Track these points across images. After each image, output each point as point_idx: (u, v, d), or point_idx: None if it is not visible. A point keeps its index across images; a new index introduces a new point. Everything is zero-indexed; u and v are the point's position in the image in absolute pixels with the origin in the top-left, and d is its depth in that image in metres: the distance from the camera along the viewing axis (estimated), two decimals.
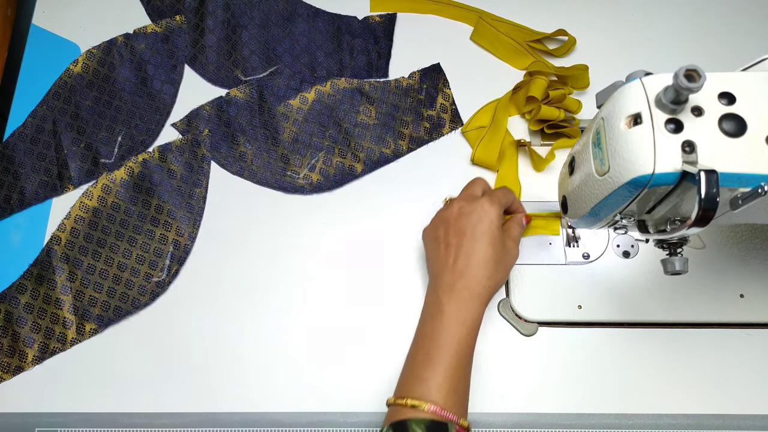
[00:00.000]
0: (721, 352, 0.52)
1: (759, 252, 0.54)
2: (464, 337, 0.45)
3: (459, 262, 0.47)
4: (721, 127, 0.34)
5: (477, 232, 0.47)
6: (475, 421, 0.50)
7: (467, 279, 0.46)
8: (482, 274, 0.46)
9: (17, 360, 0.52)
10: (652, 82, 0.35)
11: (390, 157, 0.60)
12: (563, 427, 0.50)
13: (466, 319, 0.45)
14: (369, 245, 0.56)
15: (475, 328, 0.46)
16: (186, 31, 0.65)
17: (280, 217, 0.58)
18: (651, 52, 0.64)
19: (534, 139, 0.60)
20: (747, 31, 0.65)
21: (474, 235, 0.47)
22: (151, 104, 0.62)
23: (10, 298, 0.54)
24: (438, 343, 0.45)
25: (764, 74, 0.36)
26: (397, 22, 0.66)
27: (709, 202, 0.32)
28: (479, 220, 0.47)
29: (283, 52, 0.64)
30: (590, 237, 0.55)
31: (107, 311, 0.54)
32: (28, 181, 0.58)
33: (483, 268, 0.46)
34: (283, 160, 0.60)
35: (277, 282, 0.55)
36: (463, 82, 0.63)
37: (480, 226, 0.47)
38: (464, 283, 0.46)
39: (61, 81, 0.62)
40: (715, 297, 0.53)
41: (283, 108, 0.61)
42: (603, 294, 0.53)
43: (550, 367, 0.52)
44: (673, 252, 0.42)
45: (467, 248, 0.47)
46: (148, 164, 0.59)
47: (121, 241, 0.56)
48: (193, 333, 0.53)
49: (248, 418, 0.50)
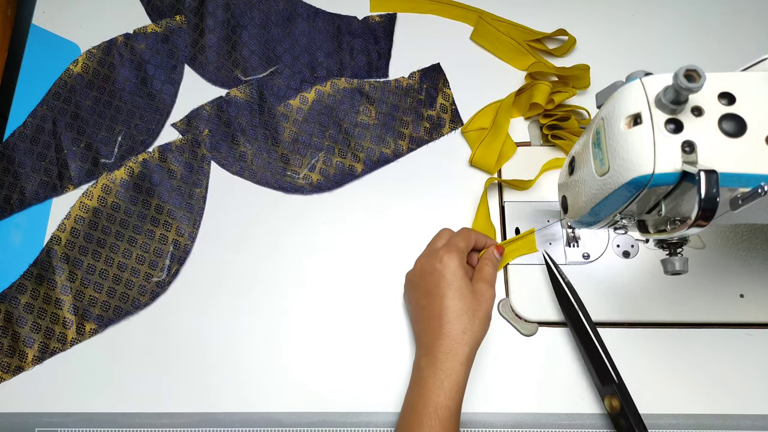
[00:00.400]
0: (721, 352, 0.52)
1: (759, 252, 0.54)
2: (444, 403, 0.43)
3: (433, 323, 0.46)
4: (721, 127, 0.34)
5: (441, 288, 0.46)
6: (475, 421, 0.50)
7: (443, 339, 0.45)
8: (455, 330, 0.45)
9: (17, 360, 0.52)
10: (652, 82, 0.35)
11: (390, 157, 0.60)
12: (563, 427, 0.50)
13: (443, 384, 0.44)
14: (369, 245, 0.56)
15: (457, 391, 0.44)
16: (186, 31, 0.65)
17: (280, 217, 0.58)
18: (651, 52, 0.64)
19: (534, 139, 0.60)
20: (747, 31, 0.65)
21: (439, 293, 0.46)
22: (151, 104, 0.62)
23: (10, 298, 0.54)
24: (419, 413, 0.44)
25: (764, 74, 0.36)
26: (397, 22, 0.66)
27: (709, 202, 0.32)
28: (440, 275, 0.47)
29: (283, 52, 0.64)
30: (590, 237, 0.55)
31: (107, 311, 0.54)
32: (28, 181, 0.58)
33: (455, 324, 0.45)
34: (283, 160, 0.60)
35: (277, 282, 0.55)
36: (463, 82, 0.63)
37: (442, 282, 0.46)
38: (440, 344, 0.45)
39: (61, 81, 0.62)
40: (715, 297, 0.52)
41: (283, 108, 0.61)
42: (603, 294, 0.53)
43: (550, 367, 0.52)
44: (673, 252, 0.42)
45: (437, 307, 0.46)
46: (148, 164, 0.59)
47: (121, 241, 0.56)
48: (193, 333, 0.53)
49: (248, 418, 0.50)
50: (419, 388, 0.45)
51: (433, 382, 0.44)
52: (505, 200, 0.57)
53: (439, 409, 0.43)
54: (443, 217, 0.57)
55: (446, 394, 0.44)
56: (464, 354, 0.45)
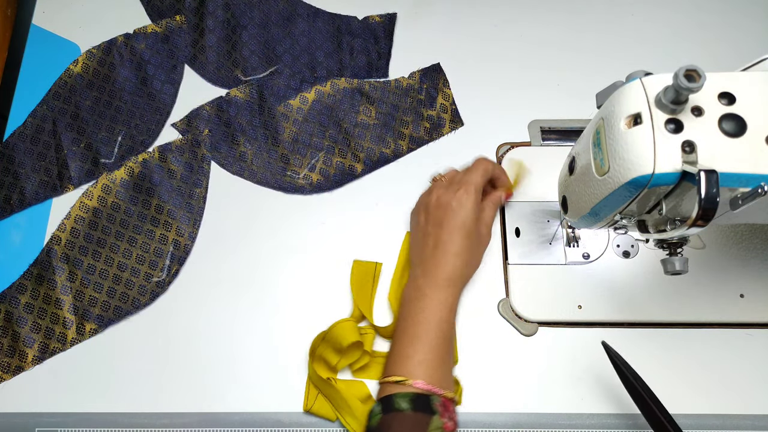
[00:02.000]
0: (721, 352, 0.52)
1: (759, 252, 0.54)
2: (444, 317, 0.47)
3: (437, 252, 0.49)
4: (721, 127, 0.34)
5: (452, 225, 0.49)
6: (475, 421, 0.50)
7: (444, 267, 0.49)
8: (458, 263, 0.49)
9: (17, 360, 0.52)
10: (652, 82, 0.35)
11: (390, 157, 0.60)
12: (563, 427, 0.50)
13: (446, 301, 0.48)
14: (369, 245, 0.56)
15: (454, 310, 0.49)
16: (186, 31, 0.65)
17: (280, 217, 0.58)
18: (651, 52, 0.64)
19: (534, 139, 0.60)
20: (747, 31, 0.65)
21: (449, 228, 0.49)
22: (151, 104, 0.62)
23: (10, 298, 0.54)
24: (420, 323, 0.47)
25: (764, 74, 0.36)
26: (397, 22, 0.66)
27: (709, 202, 0.32)
28: (454, 213, 0.49)
29: (283, 52, 0.64)
30: (590, 237, 0.55)
31: (107, 311, 0.54)
32: (28, 181, 0.58)
33: (459, 258, 0.49)
34: (283, 160, 0.60)
35: (277, 282, 0.55)
36: (463, 82, 0.63)
37: (455, 219, 0.49)
38: (441, 272, 0.48)
39: (61, 81, 0.62)
40: (715, 297, 0.53)
41: (283, 108, 0.61)
42: (603, 294, 0.53)
43: (550, 367, 0.52)
44: (673, 252, 0.42)
45: (444, 239, 0.49)
46: (148, 164, 0.59)
47: (121, 241, 0.56)
48: (193, 333, 0.53)
49: (248, 418, 0.50)
50: (422, 304, 0.48)
51: (437, 297, 0.48)
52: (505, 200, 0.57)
53: (443, 323, 0.47)
54: None
55: (447, 310, 0.47)
56: (462, 284, 0.50)
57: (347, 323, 0.50)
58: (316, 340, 0.51)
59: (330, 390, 0.49)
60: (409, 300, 0.49)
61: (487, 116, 0.61)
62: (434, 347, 0.46)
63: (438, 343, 0.46)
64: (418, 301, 0.48)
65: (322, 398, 0.50)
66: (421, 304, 0.48)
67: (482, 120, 0.61)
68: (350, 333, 0.49)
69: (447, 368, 0.47)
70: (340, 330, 0.49)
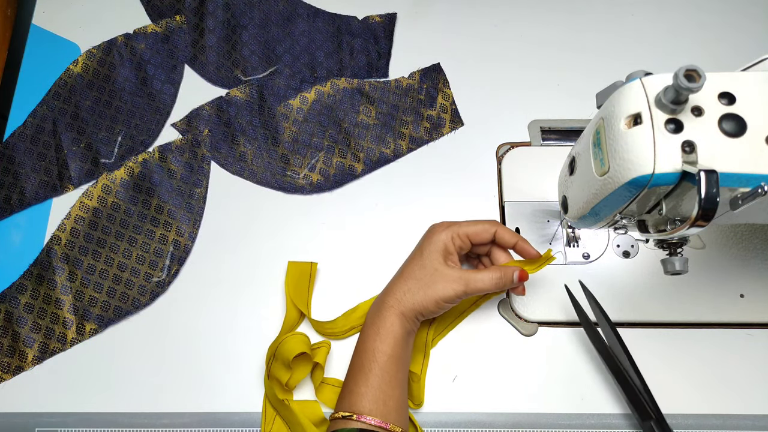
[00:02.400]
0: (721, 352, 0.52)
1: (759, 252, 0.54)
2: (380, 348, 0.45)
3: (392, 279, 0.50)
4: (721, 127, 0.34)
5: (415, 254, 0.49)
6: (475, 421, 0.50)
7: (386, 291, 0.49)
8: (398, 288, 0.48)
9: (17, 360, 0.52)
10: (652, 82, 0.35)
11: (390, 157, 0.60)
12: (563, 427, 0.50)
13: (379, 330, 0.46)
14: (369, 245, 0.56)
15: (393, 338, 0.46)
16: (186, 31, 0.65)
17: (279, 217, 0.58)
18: (651, 52, 0.64)
19: (534, 139, 0.60)
20: (747, 31, 0.65)
21: (411, 256, 0.50)
22: (151, 104, 0.62)
23: (10, 298, 0.54)
24: (360, 355, 0.46)
25: (764, 74, 0.36)
26: (397, 22, 0.66)
27: (709, 202, 0.32)
28: (421, 245, 0.49)
29: (283, 52, 0.64)
30: (590, 237, 0.55)
31: (107, 311, 0.54)
32: (28, 181, 0.58)
33: (403, 284, 0.48)
34: (283, 160, 0.60)
35: (277, 282, 0.55)
36: (463, 82, 0.63)
37: (419, 250, 0.49)
38: (386, 298, 0.48)
39: (61, 81, 0.62)
40: (715, 297, 0.53)
41: (283, 108, 0.61)
42: (603, 294, 0.53)
43: (550, 367, 0.52)
44: (673, 252, 0.42)
45: (402, 267, 0.50)
46: (148, 164, 0.59)
47: (121, 241, 0.56)
48: (193, 333, 0.53)
49: (248, 418, 0.50)
50: (362, 335, 0.48)
51: (373, 329, 0.47)
52: (505, 200, 0.57)
53: (377, 353, 0.45)
54: (443, 217, 0.56)
55: (381, 340, 0.46)
56: (400, 310, 0.47)
57: (293, 338, 0.49)
58: (269, 354, 0.50)
59: (286, 412, 0.48)
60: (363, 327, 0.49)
61: (487, 116, 0.61)
62: (375, 380, 0.44)
63: (379, 376, 0.44)
64: (362, 333, 0.48)
65: (279, 421, 0.49)
66: (362, 336, 0.47)
67: (482, 120, 0.61)
68: (295, 345, 0.48)
69: (393, 401, 0.44)
70: (285, 344, 0.48)
